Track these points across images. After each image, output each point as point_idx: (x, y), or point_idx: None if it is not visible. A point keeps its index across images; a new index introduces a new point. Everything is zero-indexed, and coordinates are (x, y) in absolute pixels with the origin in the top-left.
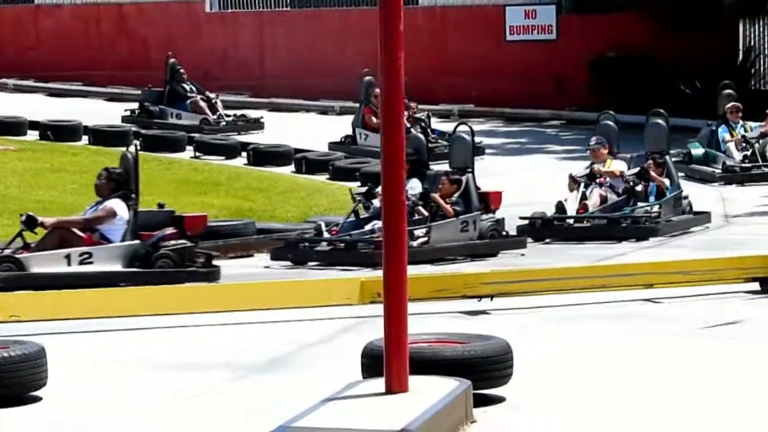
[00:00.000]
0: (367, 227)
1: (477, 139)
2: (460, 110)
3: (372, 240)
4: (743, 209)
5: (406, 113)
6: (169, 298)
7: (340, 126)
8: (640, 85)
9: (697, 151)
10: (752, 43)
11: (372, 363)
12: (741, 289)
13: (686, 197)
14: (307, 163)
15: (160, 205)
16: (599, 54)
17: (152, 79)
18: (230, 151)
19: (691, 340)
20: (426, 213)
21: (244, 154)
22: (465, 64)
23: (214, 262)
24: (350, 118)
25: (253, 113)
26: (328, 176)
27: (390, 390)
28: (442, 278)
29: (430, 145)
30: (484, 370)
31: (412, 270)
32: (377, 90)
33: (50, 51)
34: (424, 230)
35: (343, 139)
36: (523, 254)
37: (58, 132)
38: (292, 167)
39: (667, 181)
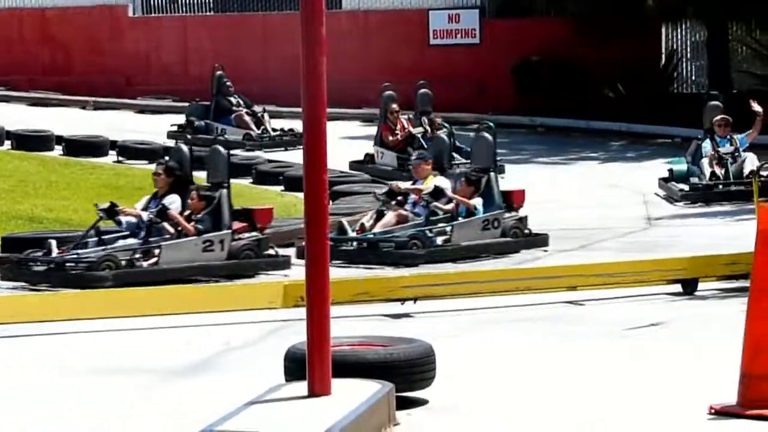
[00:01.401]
0: (118, 243)
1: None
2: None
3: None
4: (666, 212)
5: (427, 129)
6: (91, 302)
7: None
8: (563, 89)
9: (680, 167)
10: (674, 47)
11: (295, 366)
12: (664, 291)
13: (520, 218)
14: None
15: None
16: (523, 58)
17: (74, 85)
18: (154, 155)
19: (614, 341)
20: (172, 230)
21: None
22: (388, 68)
23: None
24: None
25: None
26: (251, 180)
27: (312, 393)
28: (365, 281)
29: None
30: (407, 372)
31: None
32: (394, 105)
33: None
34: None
35: (364, 158)
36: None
37: None
38: None
39: (479, 201)
